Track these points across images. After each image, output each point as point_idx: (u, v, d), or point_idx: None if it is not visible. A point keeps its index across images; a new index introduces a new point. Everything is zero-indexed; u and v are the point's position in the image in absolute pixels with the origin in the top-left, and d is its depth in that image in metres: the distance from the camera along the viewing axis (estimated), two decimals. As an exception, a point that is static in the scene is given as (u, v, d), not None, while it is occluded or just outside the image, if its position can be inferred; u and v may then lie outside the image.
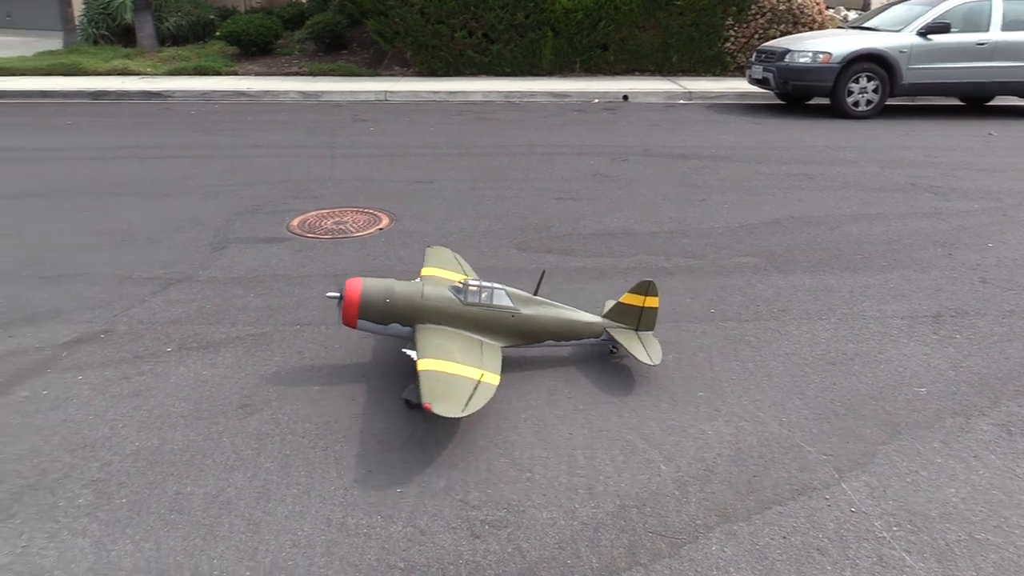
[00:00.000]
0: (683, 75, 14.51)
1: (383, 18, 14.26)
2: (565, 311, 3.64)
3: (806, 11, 14.39)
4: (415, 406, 3.22)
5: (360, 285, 3.50)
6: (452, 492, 2.76)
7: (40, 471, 2.91)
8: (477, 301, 3.49)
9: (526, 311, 3.54)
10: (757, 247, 5.37)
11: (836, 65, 10.66)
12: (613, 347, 3.75)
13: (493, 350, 3.41)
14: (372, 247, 5.33)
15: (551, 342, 3.61)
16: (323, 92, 12.93)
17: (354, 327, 3.55)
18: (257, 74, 14.84)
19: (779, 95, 12.07)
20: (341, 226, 5.84)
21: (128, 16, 16.62)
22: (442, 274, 3.92)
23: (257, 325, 4.13)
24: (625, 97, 12.55)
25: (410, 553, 2.46)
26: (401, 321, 3.49)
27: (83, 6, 17.37)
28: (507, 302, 3.52)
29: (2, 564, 2.45)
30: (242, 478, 2.85)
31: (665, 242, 5.47)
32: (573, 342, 3.66)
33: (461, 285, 3.54)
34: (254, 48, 15.73)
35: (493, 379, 3.14)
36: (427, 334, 3.41)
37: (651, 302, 3.60)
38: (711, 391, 3.45)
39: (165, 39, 16.67)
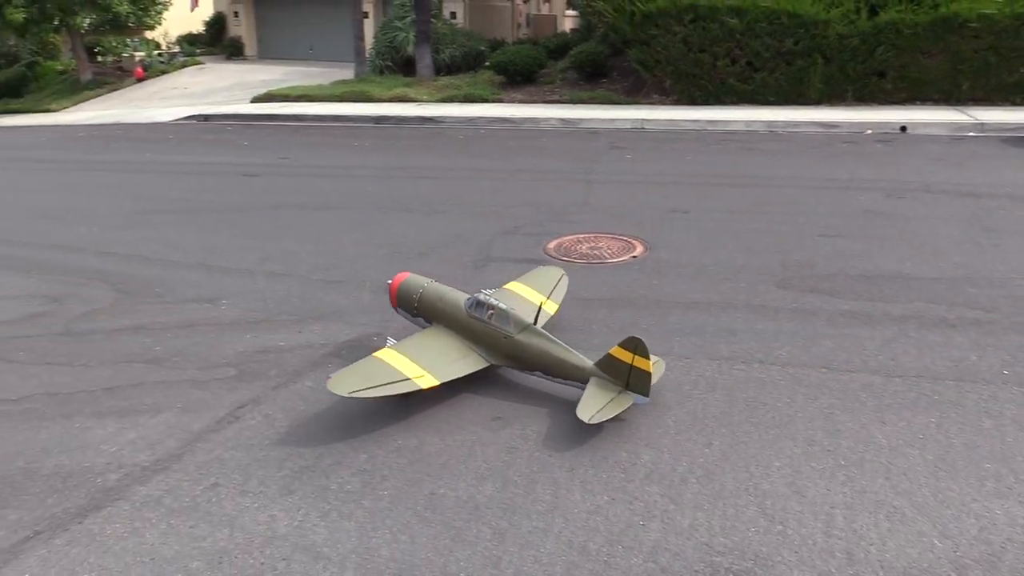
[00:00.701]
0: (974, 104, 13.02)
1: (645, 47, 14.36)
2: (558, 349, 3.54)
3: None
4: None
5: (402, 279, 4.09)
6: (696, 533, 2.66)
7: (317, 456, 3.24)
8: (479, 316, 3.69)
9: (520, 337, 3.59)
10: (1065, 303, 4.65)
11: None
12: None
13: (473, 362, 3.64)
14: (625, 274, 5.34)
15: (540, 374, 3.59)
16: (581, 119, 13.27)
17: (396, 311, 4.17)
18: (520, 102, 15.58)
19: (1098, 128, 10.44)
20: (596, 251, 5.93)
21: (410, 49, 18.35)
22: (522, 292, 4.19)
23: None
24: (903, 128, 11.54)
25: (650, 590, 2.41)
26: (424, 317, 3.94)
27: (372, 40, 19.47)
28: (506, 325, 3.62)
29: (281, 534, 2.76)
30: (491, 488, 2.97)
31: (947, 289, 4.91)
32: (562, 381, 3.52)
33: (473, 297, 3.78)
34: (519, 77, 16.59)
35: (427, 382, 3.42)
36: (428, 332, 3.86)
37: (641, 363, 3.21)
38: (1002, 464, 3.02)
39: (440, 69, 18.13)
